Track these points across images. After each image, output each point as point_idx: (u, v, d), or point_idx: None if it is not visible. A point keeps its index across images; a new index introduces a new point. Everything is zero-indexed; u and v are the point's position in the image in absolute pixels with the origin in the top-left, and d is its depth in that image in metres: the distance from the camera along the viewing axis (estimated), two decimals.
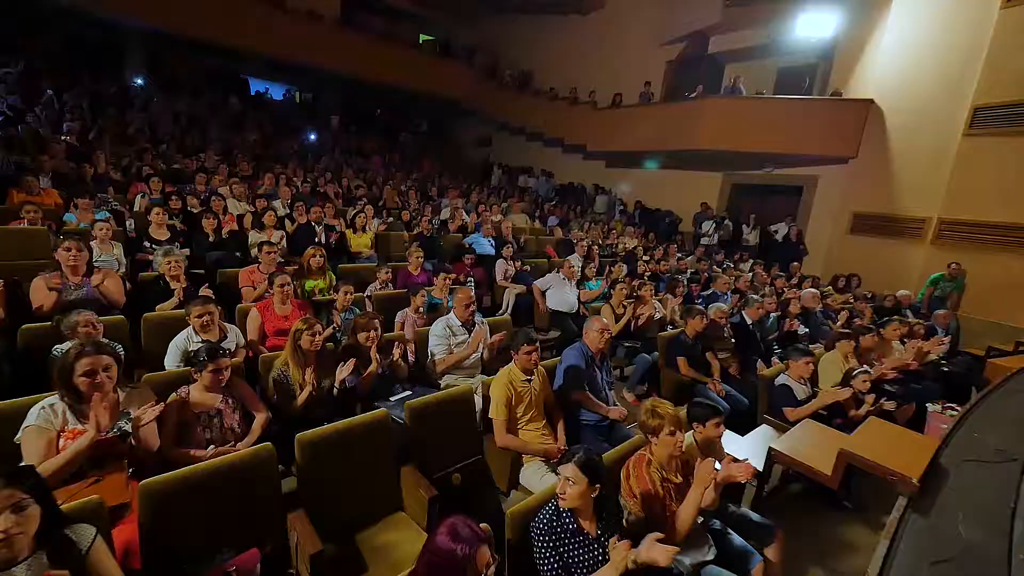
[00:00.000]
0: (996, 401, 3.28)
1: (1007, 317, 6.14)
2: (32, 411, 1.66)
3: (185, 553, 1.47)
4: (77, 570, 1.20)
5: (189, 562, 1.46)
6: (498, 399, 2.27)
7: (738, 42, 9.60)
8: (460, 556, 1.11)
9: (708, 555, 1.76)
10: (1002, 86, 6.18)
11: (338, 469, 1.85)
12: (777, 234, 8.75)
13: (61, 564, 1.16)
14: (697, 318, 3.58)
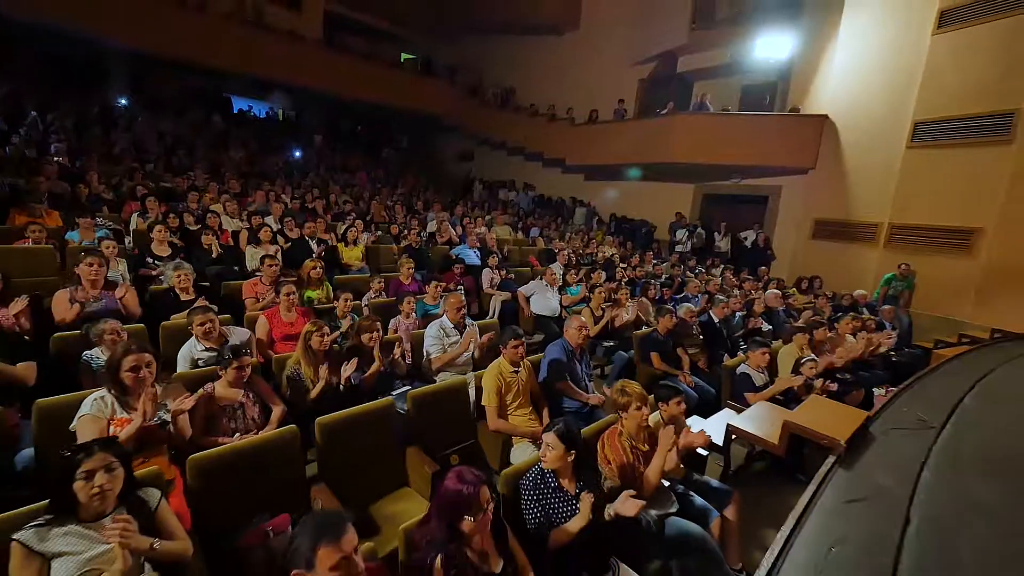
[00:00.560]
0: (929, 382, 3.70)
1: (951, 312, 6.70)
2: (85, 402, 1.91)
3: (228, 517, 1.72)
4: (148, 523, 1.46)
5: (231, 524, 1.72)
6: (489, 388, 2.58)
7: (704, 62, 10.23)
8: (466, 494, 1.40)
9: (671, 508, 2.08)
10: (937, 104, 6.83)
11: (352, 449, 2.12)
12: (747, 240, 9.29)
13: (136, 517, 1.42)
14: (667, 317, 3.95)
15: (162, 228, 4.37)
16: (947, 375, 4.00)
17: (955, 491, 2.09)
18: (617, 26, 11.44)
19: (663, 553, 1.92)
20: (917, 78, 7.05)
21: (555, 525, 1.75)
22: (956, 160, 6.70)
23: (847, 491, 2.02)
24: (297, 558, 1.14)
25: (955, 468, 2.31)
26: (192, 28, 11.00)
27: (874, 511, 1.86)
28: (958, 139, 6.66)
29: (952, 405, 3.23)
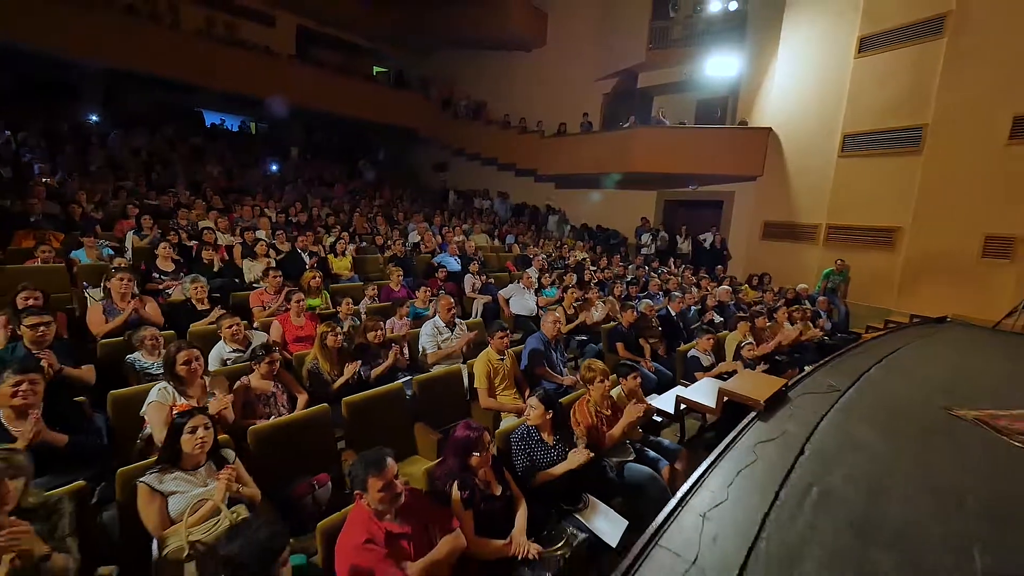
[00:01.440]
0: (848, 358, 4.43)
1: (879, 301, 7.60)
2: (152, 392, 2.32)
3: (279, 475, 2.17)
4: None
5: (283, 480, 2.17)
6: (480, 373, 3.09)
7: (662, 78, 11.07)
8: (473, 437, 1.91)
9: (629, 457, 2.63)
10: (860, 118, 7.76)
11: (371, 423, 2.60)
12: (705, 242, 10.10)
13: (219, 469, 1.86)
14: (629, 312, 4.55)
15: (166, 245, 4.70)
16: (864, 352, 4.77)
17: (842, 434, 2.76)
18: (581, 44, 12.20)
19: (623, 491, 2.47)
20: (844, 95, 7.98)
21: (538, 468, 2.27)
22: (878, 168, 7.63)
23: (761, 435, 2.65)
24: (356, 483, 1.62)
25: (847, 419, 3.00)
26: (165, 44, 11.15)
27: (778, 447, 2.50)
28: (879, 149, 7.59)
29: (859, 374, 3.97)
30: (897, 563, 1.63)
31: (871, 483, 2.16)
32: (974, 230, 6.62)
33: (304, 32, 15.67)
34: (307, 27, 15.64)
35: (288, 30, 15.23)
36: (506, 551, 1.81)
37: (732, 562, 1.56)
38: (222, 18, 13.44)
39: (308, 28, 15.67)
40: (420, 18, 15.83)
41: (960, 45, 6.68)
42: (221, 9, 13.53)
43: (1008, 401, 3.31)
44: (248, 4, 14.11)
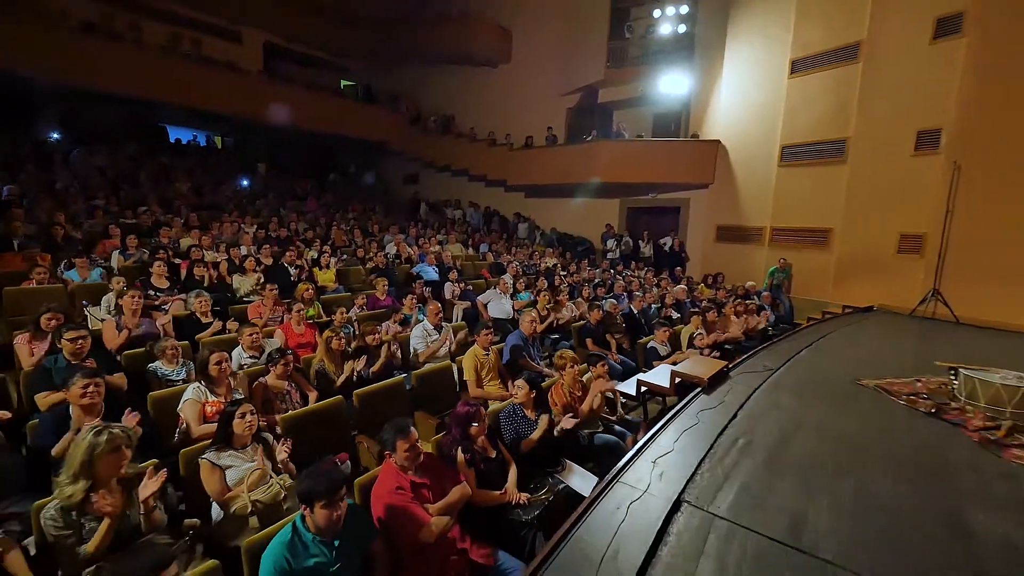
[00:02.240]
0: (782, 344, 5.12)
1: (818, 295, 8.48)
2: (187, 391, 2.67)
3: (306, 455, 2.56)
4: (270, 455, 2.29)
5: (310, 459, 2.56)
6: (469, 366, 3.55)
7: (620, 94, 11.86)
8: (471, 411, 2.38)
9: (598, 428, 3.15)
10: (795, 131, 8.68)
11: (379, 411, 3.01)
12: (665, 246, 10.86)
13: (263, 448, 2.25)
14: (596, 311, 5.11)
15: (161, 264, 4.94)
16: (798, 338, 5.49)
17: (768, 401, 3.37)
18: (545, 61, 12.88)
19: (593, 455, 2.98)
20: (780, 111, 8.91)
21: (523, 438, 2.75)
22: (812, 176, 8.56)
23: (704, 404, 3.22)
24: (387, 445, 2.06)
25: (774, 390, 3.62)
26: (126, 62, 11.11)
27: (716, 413, 3.08)
28: (812, 160, 8.52)
29: (790, 356, 4.64)
30: (793, 485, 2.20)
31: (783, 434, 2.76)
32: (890, 229, 7.58)
33: (271, 48, 15.77)
34: (274, 43, 15.75)
35: (255, 46, 15.30)
36: (502, 499, 2.28)
37: (673, 490, 2.09)
38: (187, 35, 13.43)
39: (275, 44, 15.78)
40: (387, 35, 16.21)
41: (872, 69, 7.67)
42: (186, 26, 13.52)
43: (906, 372, 4.04)
44: (213, 21, 14.15)
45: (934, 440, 2.78)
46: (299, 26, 15.77)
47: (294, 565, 1.55)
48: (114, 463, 1.73)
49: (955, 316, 6.57)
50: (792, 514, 1.96)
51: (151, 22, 12.74)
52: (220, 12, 14.07)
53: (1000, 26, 6.26)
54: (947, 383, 3.52)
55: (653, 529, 1.81)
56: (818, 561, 1.69)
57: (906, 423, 3.04)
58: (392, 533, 1.86)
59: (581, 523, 1.85)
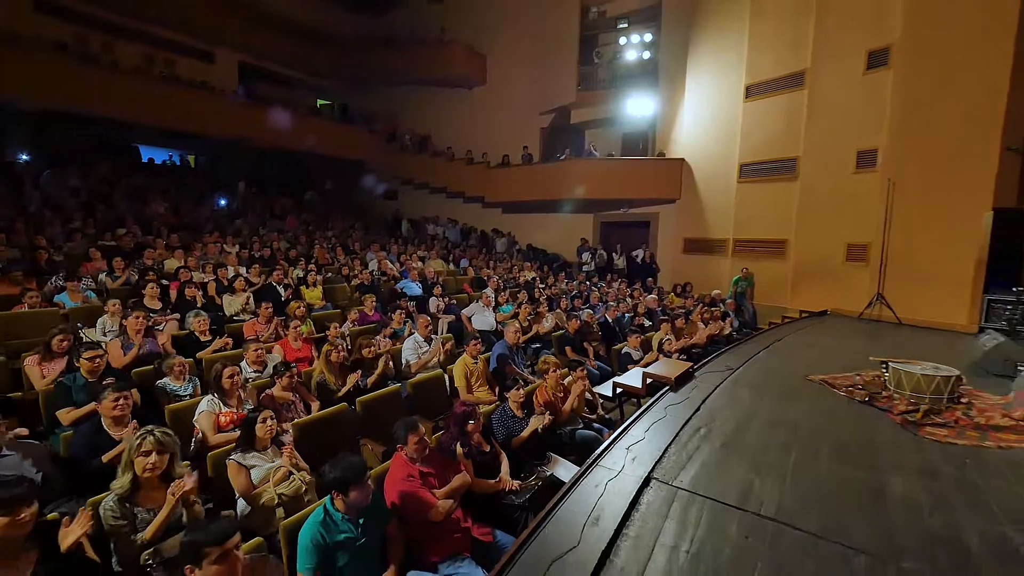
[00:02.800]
0: (744, 347, 5.61)
1: (778, 301, 9.12)
2: (201, 403, 2.89)
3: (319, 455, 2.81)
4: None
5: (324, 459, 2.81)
6: (459, 374, 3.86)
7: (591, 115, 12.50)
8: (468, 411, 2.69)
9: (579, 426, 3.50)
10: (751, 150, 9.41)
11: (380, 416, 3.28)
12: (637, 258, 11.41)
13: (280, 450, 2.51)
14: (574, 321, 5.49)
15: (154, 285, 5.08)
16: (758, 341, 5.98)
17: (728, 396, 3.79)
18: (519, 84, 13.46)
19: (574, 449, 3.32)
20: (738, 132, 9.63)
21: (513, 435, 3.07)
22: (768, 191, 9.27)
23: (671, 400, 3.62)
24: (399, 439, 2.35)
25: (734, 386, 4.06)
26: (102, 84, 11.12)
27: (682, 407, 3.48)
28: (767, 176, 9.24)
29: (750, 357, 5.12)
30: (745, 463, 2.59)
31: (739, 423, 3.17)
32: (838, 240, 8.29)
33: (246, 68, 15.88)
34: (249, 63, 15.87)
35: (229, 66, 15.39)
36: (497, 486, 2.59)
37: (644, 470, 2.45)
38: (161, 55, 13.45)
39: (250, 64, 15.90)
40: (362, 57, 16.57)
41: (816, 95, 8.46)
42: (160, 47, 13.55)
43: (849, 368, 4.54)
44: (187, 41, 14.20)
45: (865, 423, 3.24)
46: (274, 47, 15.93)
47: (327, 539, 1.83)
48: (147, 463, 1.96)
49: (897, 318, 7.25)
50: (742, 485, 2.35)
51: (125, 43, 12.74)
52: (195, 33, 14.16)
53: (919, 60, 7.07)
54: (880, 375, 4.03)
55: (627, 500, 2.16)
56: (760, 518, 2.07)
57: (844, 411, 3.51)
58: (406, 514, 2.15)
59: (567, 497, 2.18)
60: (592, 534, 1.92)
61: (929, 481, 2.43)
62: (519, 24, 13.37)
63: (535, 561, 1.76)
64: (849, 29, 7.96)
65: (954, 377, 3.57)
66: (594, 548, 1.81)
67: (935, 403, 3.48)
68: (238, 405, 3.03)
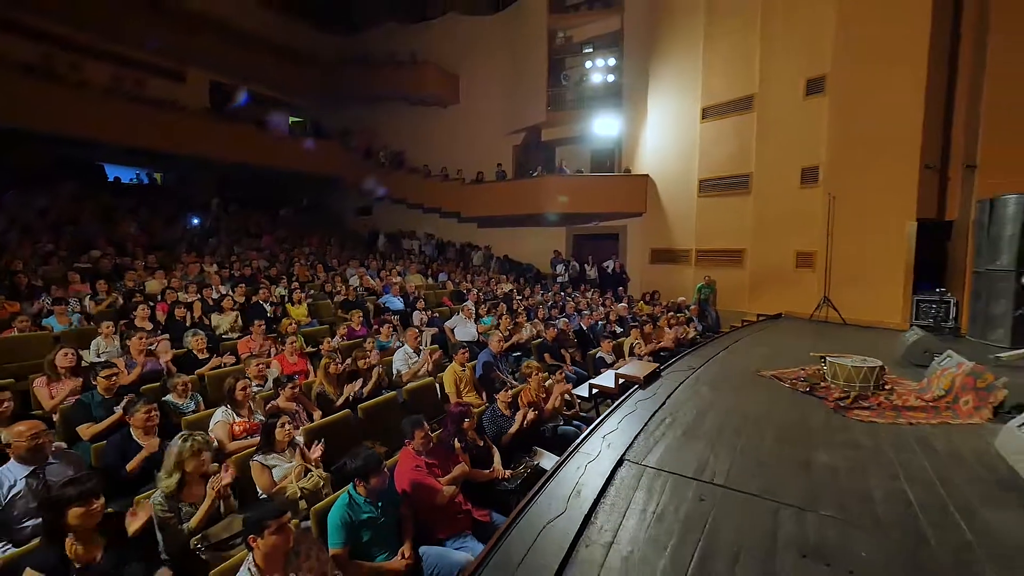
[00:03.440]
0: (705, 348, 6.15)
1: (737, 306, 9.82)
2: (216, 414, 3.14)
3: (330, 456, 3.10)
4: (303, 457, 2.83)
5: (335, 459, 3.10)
6: (449, 381, 4.20)
7: (561, 133, 13.14)
8: (464, 410, 3.05)
9: (560, 423, 3.89)
10: (709, 167, 10.17)
11: (379, 421, 3.59)
12: (608, 268, 12.00)
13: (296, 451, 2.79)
14: (551, 329, 5.92)
15: (144, 307, 5.22)
16: (718, 343, 6.53)
17: (690, 391, 4.28)
18: (491, 103, 14.00)
19: (556, 443, 3.70)
20: (696, 150, 10.39)
21: (503, 432, 3.43)
22: (725, 205, 10.02)
23: (640, 396, 4.07)
24: (406, 434, 2.68)
25: (695, 383, 4.55)
26: (70, 104, 11.04)
27: (650, 402, 3.94)
28: (724, 191, 10.00)
29: (710, 357, 5.64)
30: (702, 445, 3.03)
31: (699, 412, 3.63)
32: (789, 249, 9.07)
33: (217, 86, 15.87)
34: (220, 82, 15.87)
35: (200, 85, 15.36)
36: (491, 475, 2.95)
37: (617, 453, 2.86)
38: (130, 75, 13.35)
39: (221, 83, 15.90)
40: (335, 76, 16.81)
41: (764, 117, 9.29)
42: (128, 66, 13.45)
43: (796, 363, 5.10)
44: (157, 61, 14.14)
45: (804, 410, 3.76)
46: (246, 66, 15.97)
47: (353, 518, 2.14)
48: (197, 462, 2.25)
49: (842, 318, 8.00)
50: (699, 461, 2.79)
51: (93, 62, 12.61)
52: (165, 53, 14.11)
53: (848, 88, 7.95)
54: (820, 368, 4.59)
55: (603, 478, 2.56)
56: (712, 485, 2.51)
57: (787, 400, 4.03)
58: (415, 499, 2.47)
59: (554, 477, 2.57)
60: (576, 503, 2.31)
61: (849, 452, 2.93)
62: (490, 47, 13.98)
63: (530, 526, 2.13)
64: (789, 59, 8.83)
65: (878, 367, 4.16)
66: (578, 513, 2.20)
67: (863, 390, 4.05)
68: (249, 415, 3.29)
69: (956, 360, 4.04)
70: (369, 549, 2.17)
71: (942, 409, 3.68)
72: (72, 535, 1.75)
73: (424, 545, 2.35)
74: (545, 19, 12.32)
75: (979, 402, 3.55)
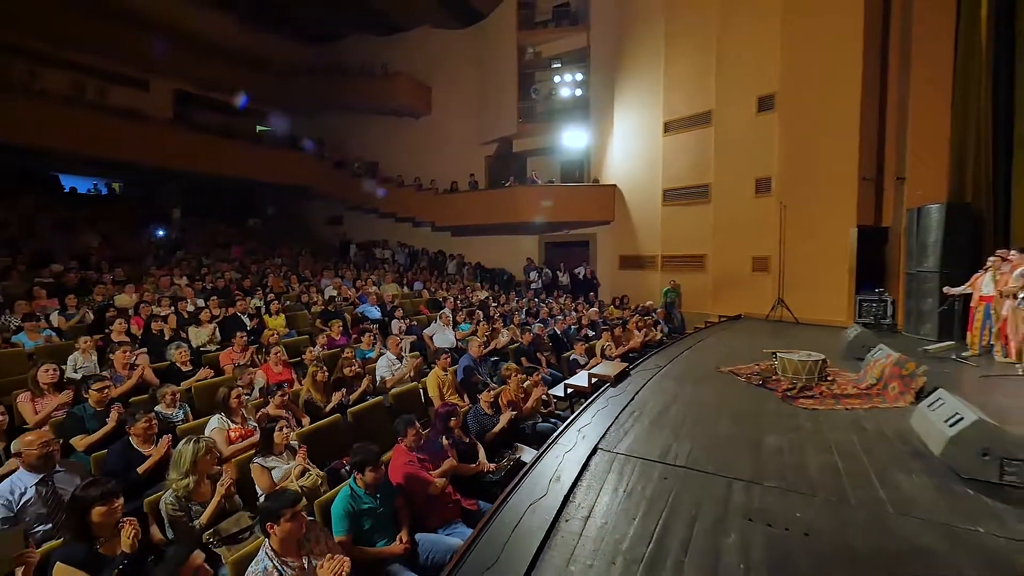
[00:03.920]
0: (671, 348, 6.57)
1: (701, 308, 10.39)
2: (212, 421, 3.27)
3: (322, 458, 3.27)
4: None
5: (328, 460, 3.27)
6: (432, 384, 4.42)
7: (532, 145, 13.56)
8: (450, 409, 3.29)
9: (538, 420, 4.17)
10: (672, 178, 10.76)
11: (368, 423, 3.78)
12: (580, 275, 12.43)
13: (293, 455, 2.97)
14: (527, 334, 6.21)
15: (122, 321, 5.21)
16: (683, 343, 6.96)
17: (656, 387, 4.66)
18: (463, 115, 14.31)
19: (535, 439, 3.98)
20: (660, 161, 10.98)
21: (486, 429, 3.69)
22: (687, 213, 10.62)
23: (611, 393, 4.41)
24: (399, 432, 2.90)
25: (661, 379, 4.95)
26: (28, 113, 10.68)
27: (620, 398, 4.29)
28: (686, 200, 10.60)
29: (675, 356, 6.06)
30: (666, 434, 3.37)
31: (664, 405, 3.99)
32: (746, 254, 9.71)
33: (182, 95, 15.56)
34: (185, 91, 15.57)
35: (164, 94, 15.05)
36: (477, 469, 3.20)
37: (591, 443, 3.17)
38: (91, 84, 12.97)
39: (186, 92, 15.60)
40: (306, 85, 16.75)
41: (720, 131, 9.94)
42: (89, 74, 13.07)
43: (751, 359, 5.56)
44: (119, 69, 13.80)
45: (756, 400, 4.18)
46: (212, 74, 15.74)
47: (355, 508, 2.35)
48: (209, 461, 2.41)
49: (795, 318, 8.64)
50: (663, 447, 3.12)
51: (52, 70, 12.21)
52: (128, 61, 13.79)
53: (794, 106, 8.67)
54: (772, 363, 5.05)
55: (580, 464, 2.86)
56: (674, 467, 2.84)
57: (742, 392, 4.45)
58: (410, 491, 2.69)
59: (536, 466, 2.84)
60: (556, 486, 2.59)
61: (793, 435, 3.33)
62: (462, 59, 14.31)
63: (517, 506, 2.40)
64: (742, 78, 9.51)
65: (821, 360, 4.64)
66: (558, 494, 2.48)
67: (808, 381, 4.51)
68: (243, 422, 3.42)
69: (886, 352, 4.57)
70: (370, 536, 2.38)
71: (874, 395, 4.17)
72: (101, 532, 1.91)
73: (420, 533, 2.57)
74: (515, 35, 12.75)
75: (903, 388, 4.05)
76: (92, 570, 1.87)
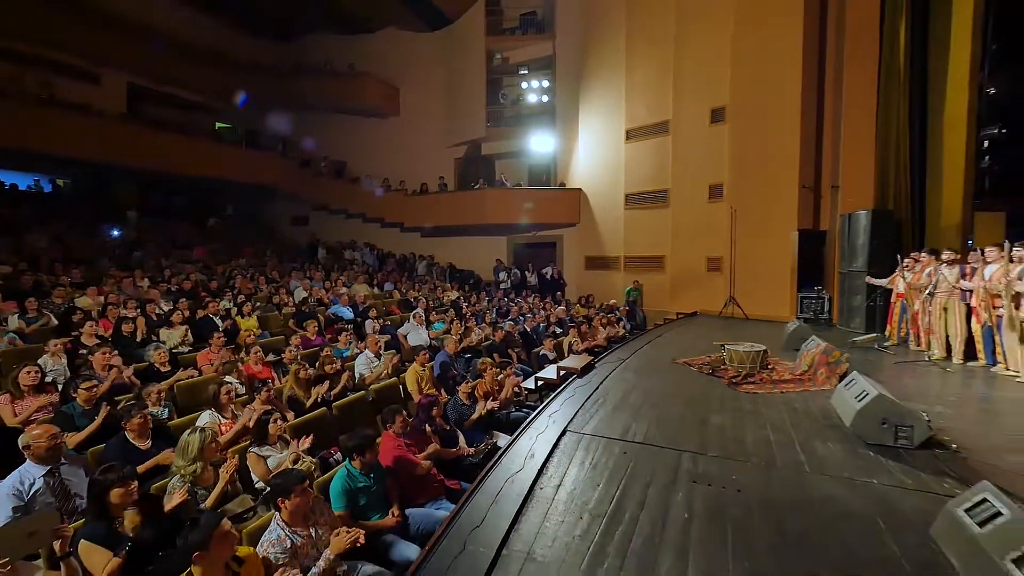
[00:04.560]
0: (633, 343, 7.06)
1: (661, 306, 11.03)
2: (203, 416, 3.42)
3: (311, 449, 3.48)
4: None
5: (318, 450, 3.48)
6: (411, 380, 4.68)
7: (500, 148, 13.90)
8: (432, 400, 3.57)
9: (512, 410, 4.51)
10: (633, 183, 11.37)
11: (351, 416, 4.00)
12: (547, 275, 12.86)
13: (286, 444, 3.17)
14: (499, 332, 6.54)
15: (92, 324, 5.17)
16: (643, 338, 7.46)
17: (618, 378, 5.11)
18: (432, 116, 14.45)
19: (509, 427, 4.32)
20: (622, 167, 11.56)
21: (464, 418, 3.99)
22: (648, 216, 11.25)
23: (578, 385, 4.82)
24: (388, 420, 3.17)
25: (623, 371, 5.40)
26: None
27: (586, 388, 4.70)
28: (646, 204, 11.23)
29: (636, 349, 6.56)
30: (627, 416, 3.78)
31: (625, 393, 4.41)
32: (701, 255, 10.41)
33: (136, 90, 14.95)
34: (140, 85, 14.96)
35: (117, 88, 14.43)
36: (459, 453, 3.51)
37: (560, 426, 3.54)
38: (36, 75, 12.30)
39: (141, 86, 14.99)
40: (270, 82, 16.40)
41: (677, 140, 10.61)
42: (33, 65, 12.39)
43: (704, 352, 6.09)
44: (68, 61, 13.14)
45: (705, 387, 4.67)
46: (167, 68, 15.17)
47: (352, 486, 2.61)
48: (214, 449, 2.60)
49: (745, 314, 9.36)
50: (624, 427, 3.53)
51: None
52: (77, 53, 13.15)
53: (742, 118, 9.42)
54: (721, 355, 5.59)
55: (551, 444, 3.21)
56: (633, 443, 3.24)
57: (693, 380, 4.95)
58: (399, 472, 2.97)
59: (512, 446, 3.18)
60: (531, 462, 2.93)
61: (735, 415, 3.81)
62: (430, 62, 14.44)
63: (495, 480, 2.72)
64: (696, 91, 10.20)
65: (762, 351, 5.21)
66: (533, 468, 2.83)
67: (751, 369, 5.06)
68: (232, 416, 3.58)
69: (816, 342, 5.18)
70: (365, 511, 2.65)
71: (805, 381, 4.75)
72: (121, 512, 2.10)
73: (409, 508, 2.85)
74: (483, 40, 13.03)
75: (830, 373, 4.64)
76: (111, 546, 2.06)
